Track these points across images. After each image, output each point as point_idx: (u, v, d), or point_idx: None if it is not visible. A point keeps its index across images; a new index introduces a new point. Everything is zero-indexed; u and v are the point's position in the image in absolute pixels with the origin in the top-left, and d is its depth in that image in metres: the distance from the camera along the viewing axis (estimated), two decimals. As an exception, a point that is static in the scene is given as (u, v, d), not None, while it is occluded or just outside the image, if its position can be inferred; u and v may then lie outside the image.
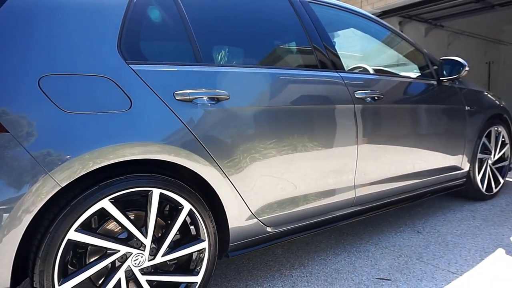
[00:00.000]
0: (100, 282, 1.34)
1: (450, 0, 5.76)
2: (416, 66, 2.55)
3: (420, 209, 2.81)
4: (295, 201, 1.76)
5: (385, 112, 2.09)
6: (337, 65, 1.97)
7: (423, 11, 6.70)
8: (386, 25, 2.45)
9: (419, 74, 2.53)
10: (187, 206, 1.43)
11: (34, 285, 1.18)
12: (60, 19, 1.30)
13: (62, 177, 1.17)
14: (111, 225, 1.37)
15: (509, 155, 3.12)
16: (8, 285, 1.15)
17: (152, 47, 1.51)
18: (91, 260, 1.33)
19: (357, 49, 2.69)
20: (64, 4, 1.32)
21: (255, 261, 2.04)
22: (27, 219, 1.13)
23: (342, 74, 1.95)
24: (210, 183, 1.47)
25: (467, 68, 2.40)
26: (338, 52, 2.03)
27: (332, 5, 2.19)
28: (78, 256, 1.34)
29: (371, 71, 2.65)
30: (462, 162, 2.66)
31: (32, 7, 1.27)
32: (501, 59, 10.02)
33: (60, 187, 1.17)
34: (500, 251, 2.05)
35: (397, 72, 2.50)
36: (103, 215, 1.32)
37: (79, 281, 1.25)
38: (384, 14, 6.42)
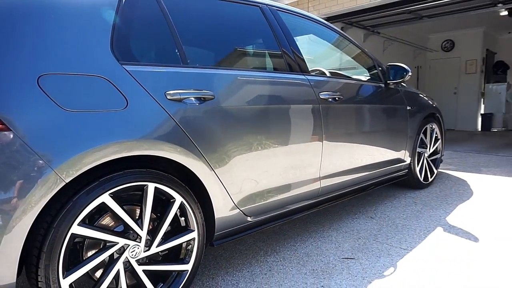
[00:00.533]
0: (98, 275, 1.39)
1: (386, 10, 6.33)
2: (366, 70, 2.86)
3: (370, 198, 3.13)
4: (271, 192, 1.93)
5: (344, 111, 2.34)
6: (303, 69, 2.18)
7: (362, 19, 7.26)
8: (342, 33, 2.72)
9: (369, 77, 2.83)
10: (178, 199, 1.53)
11: (39, 279, 1.21)
12: (55, 19, 1.33)
13: (66, 173, 1.22)
14: (106, 220, 1.42)
15: (441, 149, 3.59)
16: (15, 280, 1.17)
17: (141, 49, 1.58)
18: (88, 253, 1.37)
19: (315, 54, 2.94)
20: (58, 4, 1.36)
21: (230, 251, 2.17)
22: (32, 215, 1.17)
23: (308, 77, 2.17)
24: (199, 177, 1.59)
25: (410, 73, 2.75)
26: (304, 56, 2.24)
27: (296, 13, 2.40)
28: (74, 251, 1.38)
29: (328, 74, 2.91)
30: (405, 155, 3.02)
31: (28, 6, 1.29)
32: (427, 64, 11.12)
33: (65, 183, 1.22)
34: (439, 229, 2.40)
35: (350, 75, 2.78)
36: (98, 210, 1.37)
37: (81, 274, 1.30)
38: (329, 20, 6.85)
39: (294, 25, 2.36)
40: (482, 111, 10.52)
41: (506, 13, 7.42)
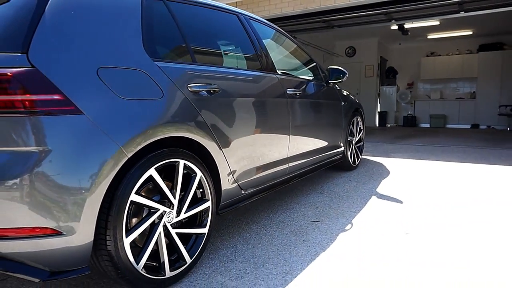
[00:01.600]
0: (141, 240, 1.64)
1: (306, 19, 7.14)
2: (311, 71, 3.42)
3: (316, 179, 3.73)
4: (257, 170, 2.34)
5: (302, 104, 2.85)
6: (273, 69, 2.63)
7: (284, 25, 8.00)
8: (294, 41, 3.24)
9: (313, 77, 3.40)
10: (199, 173, 1.84)
11: (107, 239, 1.44)
12: (104, 21, 1.56)
13: (129, 150, 1.47)
14: (144, 191, 1.68)
15: (363, 138, 4.38)
16: (92, 238, 1.39)
17: (161, 49, 1.85)
18: (133, 220, 1.62)
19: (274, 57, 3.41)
20: (105, 11, 1.58)
21: (217, 225, 2.52)
22: (106, 184, 1.40)
23: (278, 76, 2.62)
24: (212, 155, 1.92)
25: (347, 75, 3.40)
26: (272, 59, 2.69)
27: (261, 22, 2.83)
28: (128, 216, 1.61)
29: (287, 74, 3.41)
30: (341, 142, 3.69)
31: (80, 8, 1.50)
32: (334, 68, 12.57)
33: (127, 158, 1.47)
34: (374, 197, 3.07)
35: (301, 76, 3.32)
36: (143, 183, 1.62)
37: (137, 235, 1.55)
38: (255, 24, 7.42)
39: (261, 32, 2.80)
40: (378, 110, 12.27)
41: (396, 27, 8.91)
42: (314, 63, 3.43)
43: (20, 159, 1.27)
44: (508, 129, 10.04)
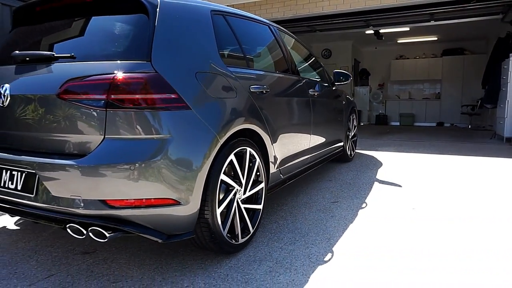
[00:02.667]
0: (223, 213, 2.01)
1: (293, 24, 7.62)
2: (319, 74, 3.88)
3: (322, 170, 4.20)
4: (292, 157, 2.76)
5: (318, 103, 3.30)
6: (297, 72, 3.06)
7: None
8: (308, 49, 3.69)
9: (321, 79, 3.86)
10: (258, 160, 2.24)
11: (206, 210, 1.80)
12: (192, 32, 1.93)
13: (221, 137, 1.84)
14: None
15: (357, 134, 4.91)
16: (198, 208, 1.75)
17: (227, 56, 2.23)
18: (220, 196, 1.97)
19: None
20: (191, 22, 1.95)
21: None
22: (208, 165, 1.77)
23: (302, 78, 3.06)
24: (266, 144, 2.32)
25: (351, 78, 3.89)
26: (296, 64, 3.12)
27: (284, 31, 3.25)
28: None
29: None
30: (342, 137, 4.18)
31: (177, 23, 1.86)
32: (311, 69, 13.20)
33: (220, 144, 1.84)
34: (376, 182, 3.58)
35: (314, 78, 3.77)
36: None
37: (223, 207, 1.92)
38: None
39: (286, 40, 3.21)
40: (353, 109, 13.00)
41: (372, 32, 9.61)
42: (322, 67, 3.90)
43: (148, 144, 1.61)
44: (469, 126, 11.05)
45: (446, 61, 12.23)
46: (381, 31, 9.43)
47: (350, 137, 4.59)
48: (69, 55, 1.73)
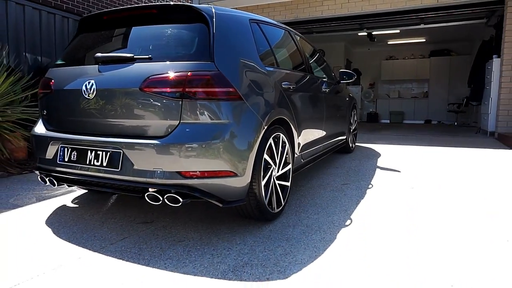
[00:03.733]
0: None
1: (291, 26, 8.06)
2: (326, 73, 4.34)
3: (328, 159, 4.66)
4: (310, 145, 3.21)
5: (328, 98, 3.76)
6: (312, 71, 3.51)
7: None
8: (315, 48, 4.14)
9: (328, 77, 4.32)
10: (287, 144, 2.68)
11: (253, 182, 2.23)
12: (238, 37, 2.36)
13: (265, 124, 2.28)
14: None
15: (357, 128, 5.40)
16: (249, 180, 2.17)
17: (262, 57, 2.66)
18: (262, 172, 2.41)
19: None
20: (237, 29, 2.38)
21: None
22: (256, 145, 2.20)
23: (317, 76, 3.51)
24: (293, 131, 2.76)
25: (355, 77, 4.36)
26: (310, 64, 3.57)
27: (298, 35, 3.70)
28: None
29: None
30: (345, 130, 4.65)
31: (228, 31, 2.29)
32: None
33: (264, 129, 2.27)
34: (378, 168, 4.06)
35: (324, 77, 4.23)
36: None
37: (265, 181, 2.35)
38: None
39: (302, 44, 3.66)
40: (345, 107, 13.55)
41: (365, 34, 10.15)
42: (329, 66, 4.36)
43: (214, 127, 2.04)
44: (455, 123, 11.69)
45: (433, 61, 12.87)
46: (374, 33, 9.97)
47: (351, 130, 5.07)
48: (147, 56, 2.14)
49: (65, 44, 5.34)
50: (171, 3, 2.37)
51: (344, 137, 4.68)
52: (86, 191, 3.29)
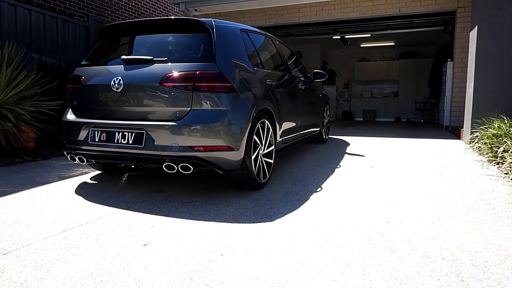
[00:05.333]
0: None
1: (272, 30, 8.77)
2: (302, 72, 5.04)
3: (304, 148, 5.37)
4: (289, 131, 3.90)
5: (304, 94, 4.47)
6: (290, 70, 4.21)
7: (252, 33, 9.57)
8: (292, 50, 4.85)
9: (303, 77, 5.02)
10: (271, 129, 3.34)
11: (246, 157, 2.88)
12: (233, 43, 3.02)
13: (255, 112, 2.94)
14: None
15: (330, 121, 6.15)
16: (242, 155, 2.83)
17: (249, 59, 3.32)
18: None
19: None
20: (232, 36, 3.04)
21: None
22: (248, 127, 2.86)
23: (295, 75, 4.21)
24: (275, 119, 3.43)
25: (326, 76, 5.08)
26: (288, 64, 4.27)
27: (278, 40, 4.39)
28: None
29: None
30: (319, 122, 5.38)
31: (224, 39, 2.95)
32: (284, 69, 14.48)
33: (254, 116, 2.93)
34: (346, 154, 4.79)
35: (299, 76, 4.93)
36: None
37: (254, 157, 3.01)
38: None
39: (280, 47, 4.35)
40: (322, 106, 14.40)
41: (338, 37, 10.98)
42: (304, 67, 5.07)
43: (216, 113, 2.69)
44: (422, 121, 12.71)
45: (402, 63, 13.88)
46: (347, 36, 10.81)
47: (325, 123, 5.81)
48: (163, 58, 2.76)
49: (66, 45, 5.84)
50: (181, 17, 3.00)
51: (318, 129, 5.40)
52: (100, 172, 3.86)
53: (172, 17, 2.96)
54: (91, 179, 3.61)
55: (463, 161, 4.32)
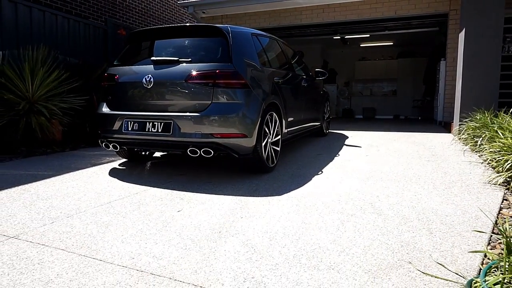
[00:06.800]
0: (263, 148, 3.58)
1: (275, 31, 9.24)
2: (304, 70, 5.52)
3: (306, 140, 5.85)
4: (293, 124, 4.38)
5: (307, 90, 4.95)
6: (294, 69, 4.69)
7: (256, 34, 10.05)
8: (295, 51, 5.33)
9: (305, 75, 5.50)
10: (278, 120, 3.82)
11: (257, 144, 3.37)
12: (245, 45, 3.50)
13: (264, 105, 3.42)
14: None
15: (330, 116, 6.63)
16: (254, 142, 3.31)
17: (258, 60, 3.80)
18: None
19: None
20: (245, 39, 3.52)
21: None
22: (259, 118, 3.34)
23: (298, 73, 4.69)
24: (281, 112, 3.91)
25: (327, 74, 5.56)
26: (292, 63, 4.75)
27: (283, 42, 4.87)
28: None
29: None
30: (320, 117, 5.86)
31: (239, 41, 3.43)
32: (286, 68, 14.97)
33: (263, 109, 3.42)
34: (345, 146, 5.27)
35: (302, 74, 5.40)
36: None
37: (263, 144, 3.49)
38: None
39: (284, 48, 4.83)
40: (323, 104, 14.86)
41: (339, 37, 11.44)
42: (306, 66, 5.56)
43: (233, 105, 3.17)
44: (419, 118, 13.17)
45: (400, 62, 14.34)
46: (346, 37, 11.28)
47: (325, 118, 6.29)
48: (188, 59, 3.24)
49: (87, 46, 6.34)
50: (201, 23, 3.48)
51: (319, 123, 5.88)
52: (126, 159, 4.35)
53: (194, 24, 3.45)
54: (119, 165, 4.11)
55: (449, 150, 4.79)
